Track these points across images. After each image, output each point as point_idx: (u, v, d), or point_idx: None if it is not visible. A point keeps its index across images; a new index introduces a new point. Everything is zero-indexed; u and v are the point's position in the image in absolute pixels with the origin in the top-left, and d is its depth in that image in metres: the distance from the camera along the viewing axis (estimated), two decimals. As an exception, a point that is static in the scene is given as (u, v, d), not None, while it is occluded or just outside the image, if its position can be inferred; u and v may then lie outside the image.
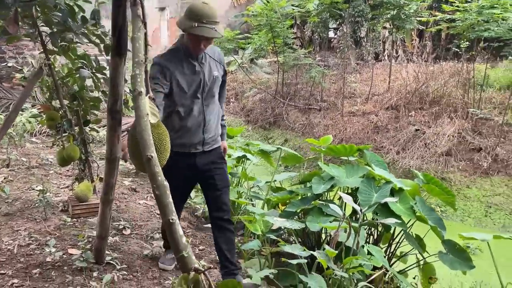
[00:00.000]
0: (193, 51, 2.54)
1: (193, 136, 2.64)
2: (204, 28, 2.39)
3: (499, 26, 8.47)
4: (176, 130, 2.61)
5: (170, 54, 2.59)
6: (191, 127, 2.62)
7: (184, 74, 2.56)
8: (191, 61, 2.60)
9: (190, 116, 2.61)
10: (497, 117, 9.18)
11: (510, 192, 7.77)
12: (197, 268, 1.48)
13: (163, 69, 2.51)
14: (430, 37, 15.46)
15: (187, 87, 2.57)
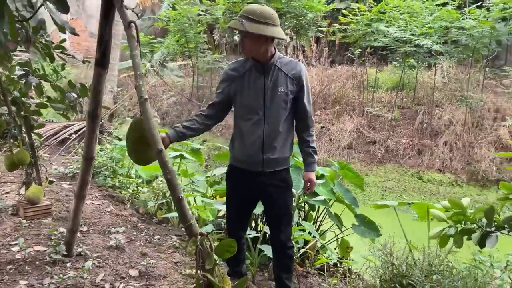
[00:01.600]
0: (243, 53, 2.48)
1: (251, 154, 2.54)
2: (232, 20, 2.45)
3: (386, 37, 9.89)
4: (236, 144, 2.59)
5: (238, 63, 2.55)
6: (247, 144, 2.52)
7: (247, 87, 2.49)
8: (256, 72, 2.48)
9: (249, 132, 2.51)
10: (386, 114, 10.68)
11: (399, 177, 9.18)
12: (202, 233, 1.95)
13: (228, 78, 2.52)
14: (326, 43, 17.04)
15: (247, 101, 2.49)
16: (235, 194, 2.74)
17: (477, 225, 2.57)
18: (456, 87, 11.15)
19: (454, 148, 9.59)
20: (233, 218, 2.81)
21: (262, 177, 2.56)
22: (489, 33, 9.50)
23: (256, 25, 2.34)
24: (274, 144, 2.51)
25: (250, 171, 2.58)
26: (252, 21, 2.34)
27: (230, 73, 2.56)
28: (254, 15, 2.35)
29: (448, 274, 2.57)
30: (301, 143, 2.70)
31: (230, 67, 2.60)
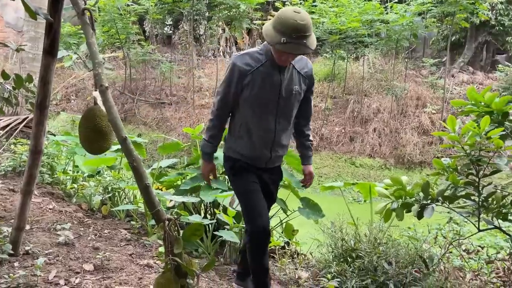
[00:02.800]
0: (278, 61, 2.31)
1: (260, 151, 2.45)
2: (293, 45, 2.14)
3: (317, 29, 10.28)
4: (243, 140, 2.45)
5: (251, 57, 2.34)
6: (258, 143, 2.43)
7: (261, 82, 2.33)
8: (272, 68, 2.33)
9: (259, 128, 2.41)
10: (320, 103, 11.13)
11: (334, 163, 9.65)
12: (170, 218, 1.97)
13: (240, 76, 2.31)
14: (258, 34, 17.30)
15: (261, 97, 2.35)
16: (254, 182, 2.47)
17: (415, 199, 2.83)
18: (382, 77, 11.90)
19: (382, 134, 10.27)
20: (262, 211, 2.45)
21: (263, 173, 2.53)
22: (408, 26, 10.25)
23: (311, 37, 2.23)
24: (283, 142, 2.50)
25: (253, 166, 2.50)
26: (307, 37, 2.19)
27: (243, 69, 2.32)
28: (306, 30, 2.16)
29: (391, 245, 2.81)
30: (301, 137, 2.69)
31: (241, 61, 2.33)
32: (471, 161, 2.57)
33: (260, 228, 2.40)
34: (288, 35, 2.12)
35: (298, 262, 3.56)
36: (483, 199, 2.63)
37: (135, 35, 12.65)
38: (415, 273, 2.54)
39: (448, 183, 2.77)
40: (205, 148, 2.59)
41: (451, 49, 14.38)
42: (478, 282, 3.22)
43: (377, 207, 3.00)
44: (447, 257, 3.53)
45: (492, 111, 2.66)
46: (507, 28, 12.86)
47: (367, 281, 2.52)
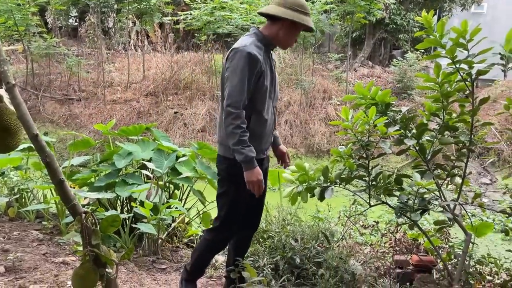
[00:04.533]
0: (285, 44, 2.35)
1: (266, 141, 2.45)
2: (309, 20, 2.28)
3: (229, 25, 10.50)
4: (253, 134, 2.30)
5: (256, 46, 2.26)
6: (267, 132, 2.41)
7: (269, 71, 2.33)
8: (268, 57, 2.33)
9: (268, 119, 2.39)
10: (234, 97, 11.40)
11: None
12: (86, 211, 2.04)
13: (257, 62, 2.21)
14: (171, 28, 17.10)
15: (270, 86, 2.34)
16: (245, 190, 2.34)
17: (317, 183, 3.16)
18: (291, 71, 12.50)
19: (293, 126, 10.83)
20: (238, 218, 2.47)
21: (262, 163, 2.48)
22: (314, 23, 10.90)
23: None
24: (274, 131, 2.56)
25: (257, 160, 2.33)
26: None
27: (257, 59, 2.23)
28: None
29: (298, 225, 3.12)
30: None
31: (254, 50, 2.22)
32: (362, 146, 2.95)
33: (228, 239, 2.54)
34: (303, 11, 2.26)
35: (216, 249, 3.75)
36: (372, 179, 3.03)
37: (36, 27, 11.81)
38: (318, 247, 2.86)
39: (344, 167, 3.14)
40: (251, 153, 2.23)
41: (353, 45, 15.52)
42: (375, 253, 3.68)
43: (285, 191, 3.29)
44: (349, 234, 3.96)
45: (377, 103, 3.07)
46: (399, 26, 14.21)
47: (277, 257, 2.78)
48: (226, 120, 2.21)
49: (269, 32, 2.32)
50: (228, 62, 2.25)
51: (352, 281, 2.76)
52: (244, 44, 2.23)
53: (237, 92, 2.20)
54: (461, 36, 2.71)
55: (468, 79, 2.81)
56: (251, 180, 2.27)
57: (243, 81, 2.20)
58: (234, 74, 2.21)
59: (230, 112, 2.20)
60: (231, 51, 2.25)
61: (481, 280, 3.18)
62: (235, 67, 2.20)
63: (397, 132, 2.96)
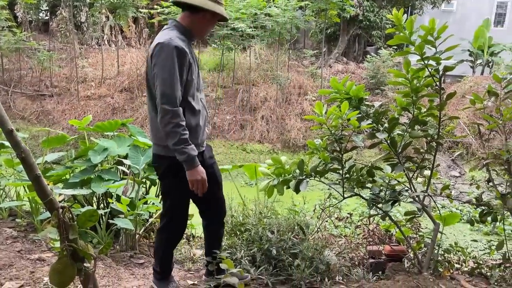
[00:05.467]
0: (201, 33, 2.31)
1: (203, 133, 2.36)
2: (224, 9, 2.26)
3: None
4: (193, 128, 2.24)
5: (180, 39, 2.17)
6: (202, 123, 2.33)
7: (195, 65, 2.26)
8: (190, 48, 2.25)
9: (201, 109, 2.32)
10: (211, 93, 11.39)
11: (227, 150, 10.02)
12: (63, 206, 2.04)
13: (185, 55, 2.14)
14: (145, 23, 16.87)
15: (196, 78, 2.27)
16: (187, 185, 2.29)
17: (292, 175, 3.24)
18: (267, 67, 12.57)
19: (270, 121, 10.91)
20: (185, 211, 2.52)
21: (203, 154, 2.41)
22: (290, 20, 10.98)
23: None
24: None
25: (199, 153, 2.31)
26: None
27: (185, 51, 2.16)
28: None
29: (274, 217, 3.19)
30: None
31: (180, 44, 2.15)
32: (335, 139, 3.04)
33: (183, 230, 2.60)
34: (220, 3, 2.27)
35: (194, 243, 3.78)
36: (346, 172, 3.12)
37: (5, 21, 11.46)
38: (294, 239, 2.93)
39: (319, 160, 3.23)
40: (193, 152, 2.17)
41: (328, 41, 15.71)
42: (349, 244, 3.79)
43: (261, 185, 3.35)
44: (324, 226, 4.06)
45: (351, 98, 3.16)
46: (373, 23, 14.47)
47: (254, 249, 2.84)
48: (163, 119, 2.11)
49: (188, 22, 2.27)
50: (155, 59, 2.14)
51: (327, 271, 2.84)
52: (169, 38, 2.14)
53: (170, 89, 2.11)
54: (429, 34, 2.83)
55: (436, 75, 2.93)
56: (195, 179, 2.21)
57: (174, 77, 2.11)
58: (163, 70, 2.11)
59: (167, 111, 2.10)
60: (155, 46, 2.15)
61: (449, 268, 3.32)
62: (164, 63, 2.11)
63: (369, 126, 3.06)
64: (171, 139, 2.13)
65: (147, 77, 2.27)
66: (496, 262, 3.60)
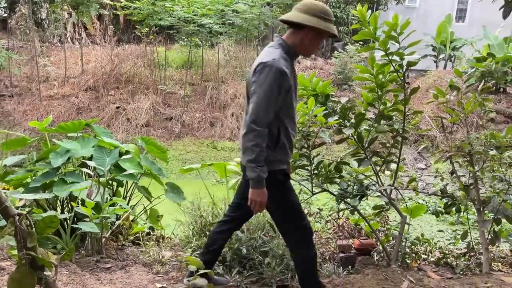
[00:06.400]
0: (308, 52, 2.33)
1: (292, 151, 2.41)
2: (333, 27, 2.25)
3: (171, 17, 10.30)
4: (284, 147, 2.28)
5: (283, 59, 2.20)
6: (292, 143, 2.40)
7: (294, 82, 2.29)
8: (294, 64, 2.32)
9: (294, 130, 2.38)
10: (179, 90, 11.24)
11: (197, 149, 9.92)
12: (20, 213, 1.94)
13: (285, 79, 2.16)
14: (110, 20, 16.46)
15: (295, 97, 2.33)
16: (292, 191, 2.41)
17: (262, 173, 3.22)
18: (236, 64, 12.51)
19: (240, 118, 10.87)
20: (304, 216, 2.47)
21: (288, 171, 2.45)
22: (257, 16, 10.96)
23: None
24: None
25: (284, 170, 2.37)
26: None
27: (285, 72, 2.17)
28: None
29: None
30: None
31: (281, 65, 2.16)
32: (303, 136, 3.04)
33: (314, 252, 2.44)
34: (327, 18, 2.22)
35: (163, 244, 3.71)
36: (314, 168, 3.13)
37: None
38: (264, 237, 2.92)
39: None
40: (263, 174, 2.17)
41: (296, 38, 15.74)
42: (319, 240, 3.81)
43: (229, 183, 3.32)
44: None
45: (318, 94, 3.17)
46: (339, 19, 14.64)
47: (224, 249, 2.80)
48: (247, 135, 2.13)
49: (293, 41, 2.27)
50: (256, 76, 2.15)
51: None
52: (273, 58, 2.15)
53: (262, 110, 2.13)
54: (392, 29, 2.86)
55: (400, 70, 2.97)
56: (256, 200, 2.21)
57: (270, 99, 2.13)
58: (261, 90, 2.13)
59: (253, 129, 2.12)
60: (259, 65, 2.16)
61: (416, 259, 3.40)
62: (262, 83, 2.12)
63: (336, 122, 3.07)
64: (247, 155, 2.15)
65: (247, 91, 2.29)
66: (461, 251, 3.71)
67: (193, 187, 4.55)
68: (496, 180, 3.22)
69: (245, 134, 2.14)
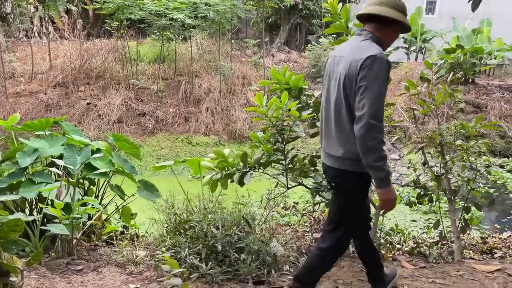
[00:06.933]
0: (388, 45, 2.32)
1: None
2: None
3: (141, 10, 10.08)
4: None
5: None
6: None
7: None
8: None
9: None
10: (152, 85, 11.05)
11: (171, 144, 9.80)
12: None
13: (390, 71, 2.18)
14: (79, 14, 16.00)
15: None
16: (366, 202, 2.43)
17: (236, 168, 3.18)
18: (210, 57, 12.38)
19: (215, 113, 10.78)
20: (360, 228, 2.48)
21: None
22: (230, 9, 10.86)
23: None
24: None
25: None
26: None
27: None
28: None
29: (219, 212, 3.12)
30: None
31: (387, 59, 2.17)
32: (277, 130, 3.02)
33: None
34: (405, 13, 2.27)
35: (137, 243, 3.63)
36: (289, 162, 3.12)
37: None
38: (239, 233, 2.88)
39: (262, 152, 3.19)
40: (390, 170, 2.14)
41: (269, 31, 15.75)
42: (296, 233, 3.82)
43: (203, 179, 3.27)
44: (271, 216, 4.06)
45: (291, 88, 3.15)
46: (312, 12, 14.68)
47: (199, 247, 2.76)
48: (368, 133, 2.03)
49: (381, 35, 2.25)
50: (366, 70, 2.07)
51: (274, 263, 2.83)
52: (380, 51, 2.12)
53: (379, 104, 2.05)
54: (364, 22, 2.86)
55: (372, 62, 2.97)
56: (388, 199, 2.14)
57: (384, 92, 2.09)
58: (375, 83, 2.05)
59: (374, 126, 2.03)
60: (367, 58, 2.08)
61: (391, 249, 3.44)
62: (376, 76, 2.06)
63: (310, 115, 3.06)
64: (371, 155, 2.06)
65: (343, 87, 2.15)
66: (433, 240, 3.78)
67: (168, 183, 4.48)
68: (466, 169, 3.29)
69: (365, 133, 2.03)
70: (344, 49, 2.26)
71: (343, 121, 2.17)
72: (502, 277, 2.80)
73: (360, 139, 2.05)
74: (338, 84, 2.17)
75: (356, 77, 2.09)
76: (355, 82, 2.09)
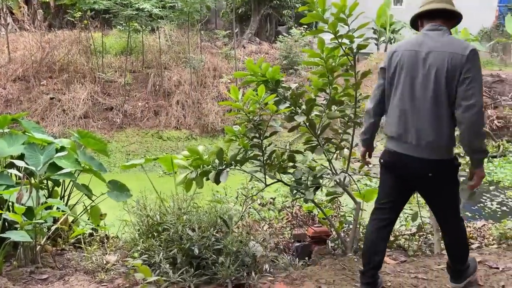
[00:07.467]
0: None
1: None
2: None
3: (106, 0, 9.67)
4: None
5: None
6: None
7: None
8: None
9: None
10: (119, 78, 10.67)
11: (141, 139, 9.50)
12: None
13: None
14: (39, 4, 15.27)
15: None
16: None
17: (212, 166, 3.03)
18: (179, 49, 12.06)
19: (185, 106, 10.53)
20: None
21: None
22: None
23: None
24: None
25: None
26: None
27: None
28: None
29: (195, 212, 2.97)
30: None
31: None
32: (254, 125, 2.88)
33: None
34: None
35: (108, 246, 3.43)
36: (267, 158, 2.99)
37: None
38: (216, 234, 2.75)
39: (239, 148, 3.05)
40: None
41: (240, 21, 15.52)
42: (274, 230, 3.71)
43: (177, 179, 3.10)
44: (248, 212, 3.93)
45: (267, 80, 3.01)
46: (283, 2, 14.56)
47: (174, 250, 2.60)
48: (480, 120, 2.23)
49: (449, 28, 2.43)
50: (471, 63, 2.23)
51: (253, 264, 2.71)
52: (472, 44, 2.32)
53: (482, 94, 2.27)
54: (341, 11, 2.75)
55: (350, 53, 2.88)
56: (483, 175, 2.37)
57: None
58: (479, 75, 2.25)
59: (483, 113, 2.27)
60: (471, 51, 2.24)
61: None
62: (479, 68, 2.27)
63: (287, 109, 2.94)
64: (480, 140, 2.27)
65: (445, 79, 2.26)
66: (411, 232, 3.76)
67: (139, 181, 4.27)
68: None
69: (476, 121, 2.20)
70: (426, 43, 2.34)
71: (442, 111, 2.29)
72: (483, 270, 2.79)
73: (472, 125, 2.21)
74: (436, 76, 2.27)
75: (461, 69, 2.22)
76: (459, 74, 2.22)
